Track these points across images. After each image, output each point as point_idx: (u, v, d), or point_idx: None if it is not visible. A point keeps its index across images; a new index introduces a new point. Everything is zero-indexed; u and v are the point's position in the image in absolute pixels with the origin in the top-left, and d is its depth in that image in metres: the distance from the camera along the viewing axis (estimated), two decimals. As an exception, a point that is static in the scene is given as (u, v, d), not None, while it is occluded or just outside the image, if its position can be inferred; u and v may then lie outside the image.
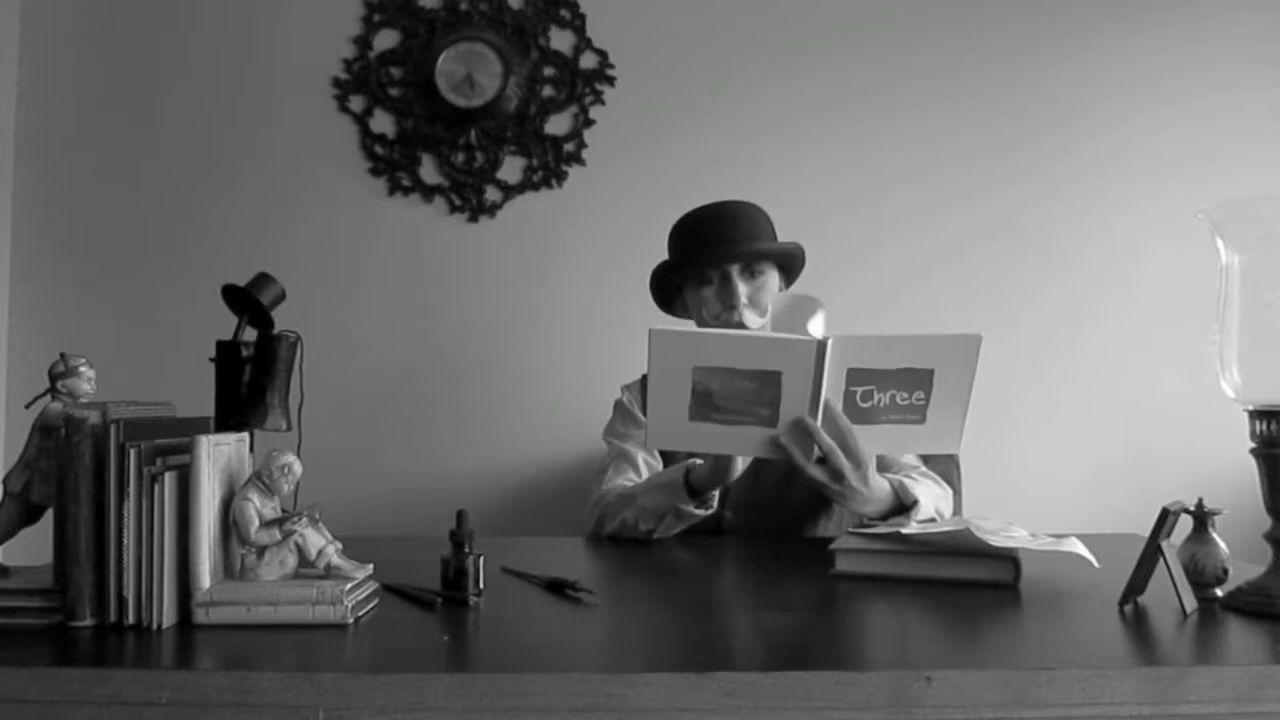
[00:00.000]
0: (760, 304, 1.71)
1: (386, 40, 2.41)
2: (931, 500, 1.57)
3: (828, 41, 2.42)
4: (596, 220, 2.40)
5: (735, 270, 1.71)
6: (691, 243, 1.76)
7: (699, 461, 1.57)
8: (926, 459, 1.79)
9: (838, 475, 1.40)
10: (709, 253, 1.71)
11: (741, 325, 1.70)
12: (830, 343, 1.33)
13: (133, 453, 1.00)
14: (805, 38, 2.42)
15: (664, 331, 1.37)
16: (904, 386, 1.38)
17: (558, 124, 2.41)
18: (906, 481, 1.56)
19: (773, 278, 1.76)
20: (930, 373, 1.37)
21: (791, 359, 1.34)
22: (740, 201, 1.79)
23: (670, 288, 1.82)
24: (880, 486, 1.48)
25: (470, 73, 2.35)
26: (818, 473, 1.41)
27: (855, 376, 1.37)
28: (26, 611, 1.01)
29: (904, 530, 1.34)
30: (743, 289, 1.70)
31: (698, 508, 1.56)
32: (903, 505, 1.53)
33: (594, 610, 1.13)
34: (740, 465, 1.53)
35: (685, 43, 2.42)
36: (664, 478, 1.61)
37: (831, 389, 1.37)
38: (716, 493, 1.57)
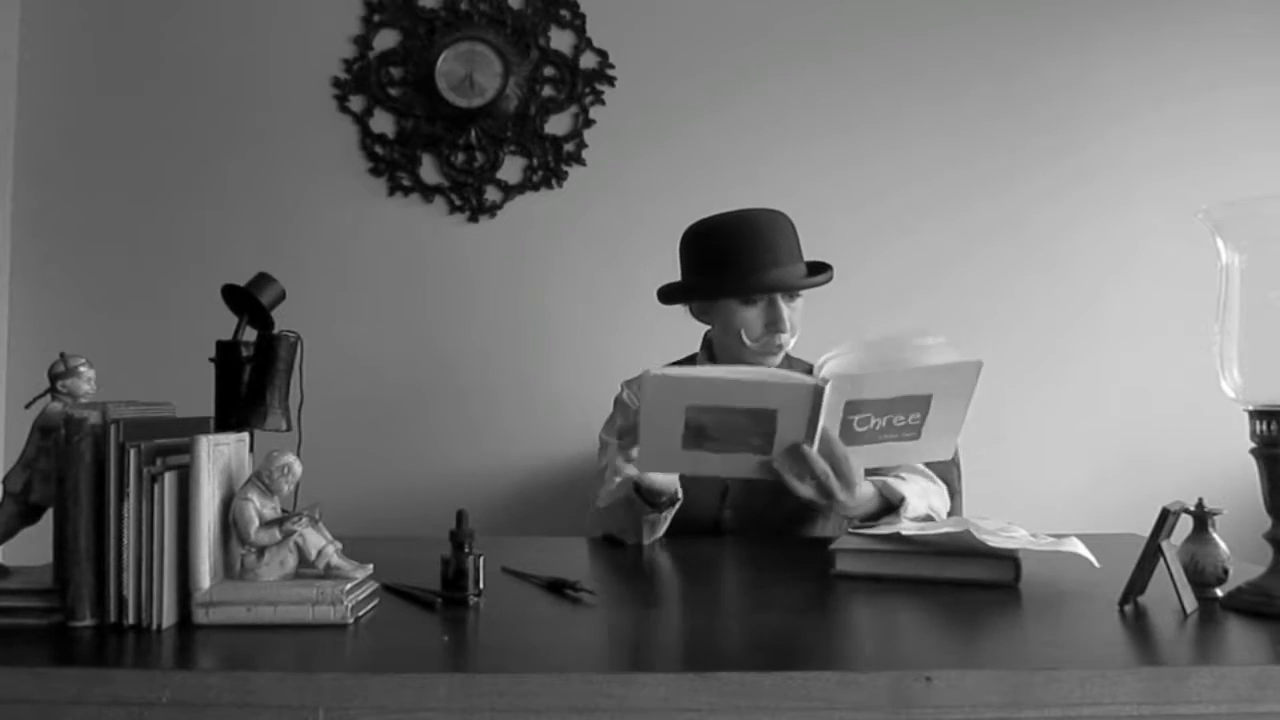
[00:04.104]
0: (795, 325, 1.73)
1: (386, 40, 2.41)
2: (920, 495, 1.58)
3: (828, 42, 2.42)
4: (596, 220, 2.40)
5: (780, 294, 1.71)
6: (740, 260, 1.69)
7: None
8: None
9: (827, 494, 1.43)
10: (764, 278, 1.68)
11: (780, 347, 1.71)
12: (829, 386, 1.33)
13: (133, 453, 1.00)
14: (805, 38, 2.42)
15: (658, 376, 1.34)
16: (901, 411, 1.39)
17: (558, 124, 2.41)
18: (891, 481, 1.57)
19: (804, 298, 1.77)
20: (928, 397, 1.38)
21: (788, 400, 1.35)
22: (773, 213, 1.76)
23: (690, 290, 1.78)
24: (863, 493, 1.50)
25: (470, 73, 2.35)
26: (809, 492, 1.43)
27: (852, 406, 1.38)
28: (26, 611, 1.01)
29: (904, 531, 1.35)
30: (785, 313, 1.70)
31: (663, 510, 1.57)
32: (890, 504, 1.54)
33: (594, 610, 1.13)
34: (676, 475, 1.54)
35: (685, 42, 2.42)
36: (620, 494, 1.61)
37: (829, 419, 1.37)
38: (675, 488, 1.57)
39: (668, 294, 1.81)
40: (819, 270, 1.75)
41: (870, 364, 1.39)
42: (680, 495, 1.58)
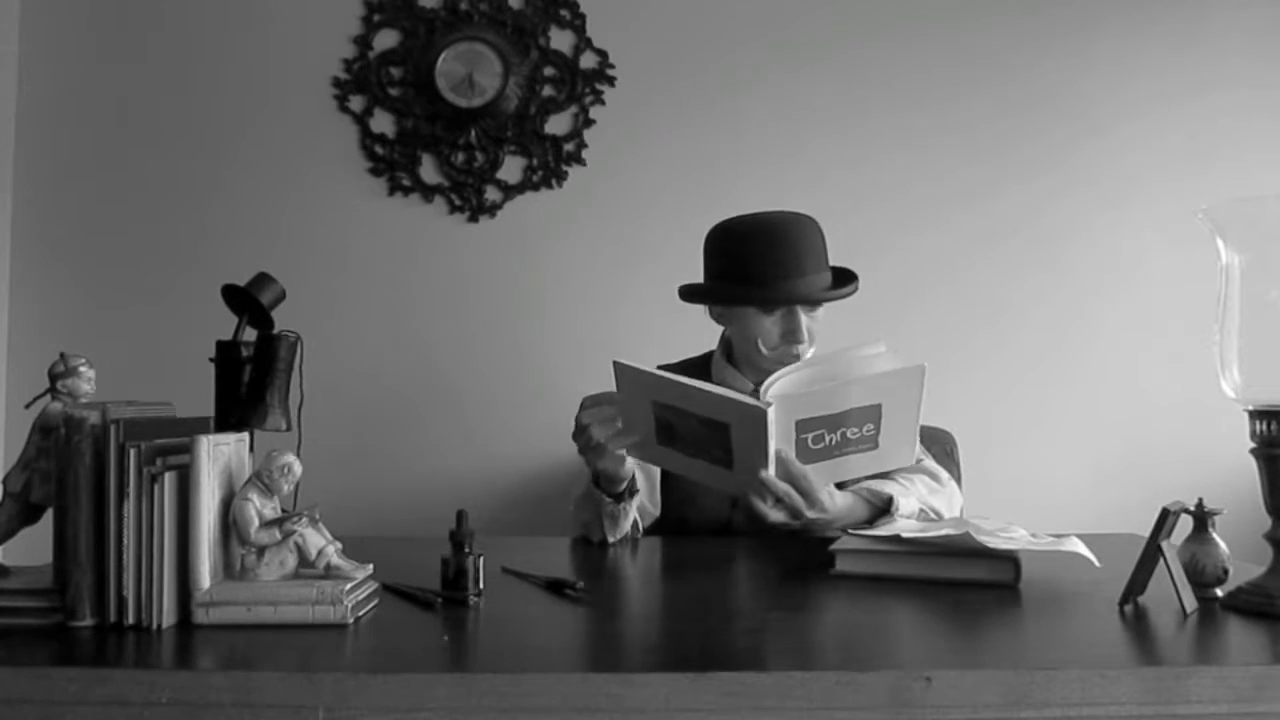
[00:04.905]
0: (814, 334, 1.69)
1: (386, 40, 2.41)
2: (909, 493, 1.58)
3: (828, 41, 2.42)
4: (596, 220, 2.40)
5: (801, 305, 1.67)
6: (761, 268, 1.64)
7: None
8: None
9: (796, 514, 1.44)
10: (786, 289, 1.63)
11: (796, 358, 1.65)
12: (772, 410, 1.35)
13: (133, 453, 1.00)
14: (805, 38, 2.42)
15: (625, 365, 1.41)
16: (853, 423, 1.41)
17: (558, 124, 2.41)
18: (876, 484, 1.57)
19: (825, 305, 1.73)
20: (878, 407, 1.40)
21: (739, 416, 1.37)
22: (800, 218, 1.70)
23: (709, 293, 1.74)
24: (843, 505, 1.50)
25: (470, 73, 2.35)
26: (777, 515, 1.44)
27: (804, 425, 1.39)
28: (26, 611, 1.01)
29: (904, 531, 1.35)
30: (804, 323, 1.66)
31: (621, 501, 1.58)
32: (881, 508, 1.54)
33: (594, 610, 1.13)
34: (630, 463, 1.56)
35: (685, 42, 2.42)
36: (581, 489, 1.63)
37: (782, 439, 1.39)
38: (630, 477, 1.57)
39: (689, 293, 1.76)
40: (844, 278, 1.71)
41: (811, 381, 1.41)
42: (638, 486, 1.60)
